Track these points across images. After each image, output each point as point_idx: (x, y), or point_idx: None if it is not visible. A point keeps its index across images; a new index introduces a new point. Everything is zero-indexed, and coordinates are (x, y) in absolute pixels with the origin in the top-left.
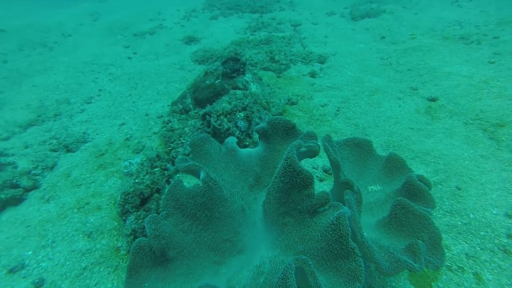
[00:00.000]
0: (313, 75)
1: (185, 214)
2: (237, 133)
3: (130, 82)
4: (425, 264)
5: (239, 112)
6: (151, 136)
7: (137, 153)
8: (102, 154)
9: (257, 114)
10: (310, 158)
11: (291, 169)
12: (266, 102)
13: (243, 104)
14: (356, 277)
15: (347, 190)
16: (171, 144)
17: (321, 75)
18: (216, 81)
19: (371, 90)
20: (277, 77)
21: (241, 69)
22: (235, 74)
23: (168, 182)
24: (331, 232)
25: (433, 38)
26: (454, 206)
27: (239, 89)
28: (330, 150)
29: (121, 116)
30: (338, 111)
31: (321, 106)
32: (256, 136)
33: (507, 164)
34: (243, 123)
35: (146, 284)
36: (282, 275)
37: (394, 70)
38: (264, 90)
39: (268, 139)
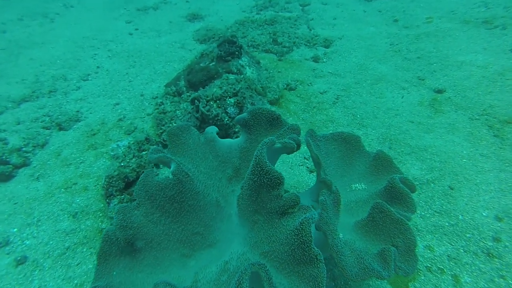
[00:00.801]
0: (316, 59)
1: (155, 206)
2: (226, 119)
3: (128, 60)
4: (395, 271)
5: (230, 97)
6: (144, 117)
7: (129, 134)
8: (94, 134)
9: (249, 100)
10: (288, 154)
11: (259, 169)
12: (261, 87)
13: (234, 89)
14: (317, 283)
15: (323, 191)
16: (162, 127)
17: (324, 60)
18: (211, 64)
19: (375, 79)
20: (278, 61)
21: (237, 52)
22: (230, 58)
23: (157, 166)
24: (294, 237)
25: (452, 21)
26: (444, 206)
27: (232, 73)
28: (312, 147)
29: (116, 95)
30: (337, 99)
31: (320, 93)
32: None
33: (507, 164)
34: (233, 109)
35: (115, 272)
36: (237, 279)
37: (402, 58)
38: (261, 74)
39: (249, 130)
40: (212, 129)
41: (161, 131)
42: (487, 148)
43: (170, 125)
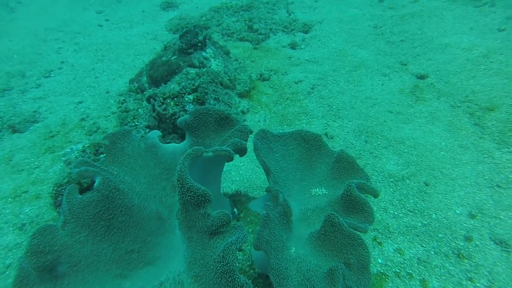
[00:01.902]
0: (293, 46)
1: (80, 224)
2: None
3: (97, 54)
4: None
5: (188, 94)
6: (109, 116)
7: (90, 135)
8: (53, 136)
9: (212, 95)
10: (227, 162)
11: (180, 185)
12: (229, 79)
13: (193, 85)
14: None
15: (267, 203)
16: (125, 127)
17: (302, 46)
18: (172, 58)
19: (354, 65)
20: (253, 49)
21: (200, 44)
22: (192, 50)
23: None
24: (218, 264)
25: (439, 0)
26: (418, 205)
27: (194, 67)
28: (260, 151)
29: (81, 93)
30: (313, 89)
31: (295, 83)
32: None
33: (486, 155)
34: (192, 107)
35: None
36: None
37: (385, 41)
38: (229, 66)
39: (194, 133)
40: (153, 134)
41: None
42: (466, 138)
43: (133, 124)
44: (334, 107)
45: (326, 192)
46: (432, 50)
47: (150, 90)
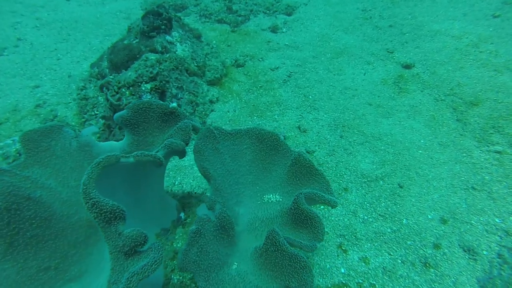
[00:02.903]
0: (274, 29)
1: None
2: None
3: (61, 32)
4: None
5: (146, 83)
6: (70, 103)
7: (51, 120)
8: (0, 124)
9: (175, 84)
10: (156, 167)
11: (84, 200)
12: (197, 66)
13: (151, 72)
14: None
15: (199, 216)
16: (84, 115)
17: (283, 29)
18: (134, 41)
19: (336, 52)
20: (231, 32)
21: (163, 26)
22: (154, 33)
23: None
24: None
25: None
26: (389, 209)
27: (156, 52)
28: (201, 155)
29: (39, 76)
30: (289, 76)
31: (271, 69)
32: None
33: (464, 154)
34: (149, 97)
35: None
36: None
37: (373, 26)
38: (199, 51)
39: (134, 130)
40: (87, 131)
41: (83, 120)
42: (447, 136)
43: (92, 113)
44: (310, 97)
45: (280, 199)
46: (421, 37)
47: (109, 77)
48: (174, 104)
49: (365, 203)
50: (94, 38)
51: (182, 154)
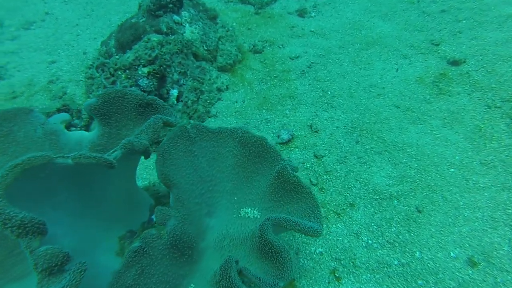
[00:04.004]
0: (301, 13)
1: None
2: None
3: (86, 8)
4: None
5: (143, 66)
6: (80, 80)
7: (54, 100)
8: (15, 97)
9: (178, 69)
10: (109, 169)
11: None
12: (207, 50)
13: (150, 55)
14: None
15: (147, 232)
16: (89, 95)
17: (312, 14)
18: (141, 20)
19: (367, 42)
20: (254, 14)
21: (171, 5)
22: (161, 12)
23: None
24: None
25: None
26: (400, 236)
27: (161, 33)
28: (166, 158)
29: (56, 51)
30: (309, 67)
31: (291, 58)
32: (173, 96)
33: None
34: (146, 81)
35: None
36: None
37: (419, 12)
38: (212, 34)
39: (105, 121)
40: (56, 118)
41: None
42: (495, 153)
43: (98, 93)
44: (329, 93)
45: (258, 216)
46: (484, 24)
47: (116, 57)
48: (175, 91)
49: (372, 224)
50: (115, 14)
51: (146, 154)
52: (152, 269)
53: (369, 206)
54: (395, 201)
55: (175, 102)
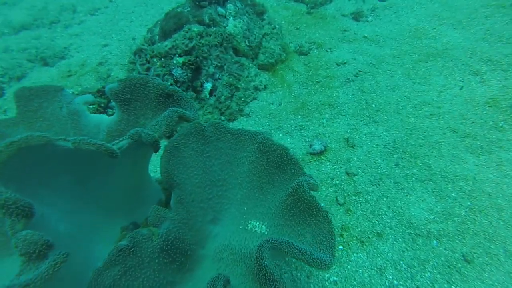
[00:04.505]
0: (357, 16)
1: None
2: (169, 83)
3: None
4: None
5: (179, 56)
6: (125, 64)
7: (104, 80)
8: (69, 76)
9: (215, 62)
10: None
11: None
12: (249, 46)
13: (187, 46)
14: None
15: (139, 231)
16: (54, 85)
17: (368, 18)
18: (186, 10)
19: (428, 53)
20: (306, 13)
21: None
22: (206, 3)
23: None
24: None
25: None
26: (436, 286)
27: (203, 24)
28: (171, 156)
29: (111, 35)
30: (356, 76)
31: (337, 64)
32: (207, 90)
33: None
34: (180, 72)
35: None
36: None
37: (509, 19)
38: (256, 30)
39: (124, 107)
40: (81, 99)
41: None
42: None
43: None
44: (373, 106)
45: (265, 232)
46: None
47: (158, 44)
48: (209, 85)
49: (401, 263)
50: (168, 3)
51: (154, 147)
52: (137, 272)
53: (400, 239)
54: (434, 241)
55: (208, 96)
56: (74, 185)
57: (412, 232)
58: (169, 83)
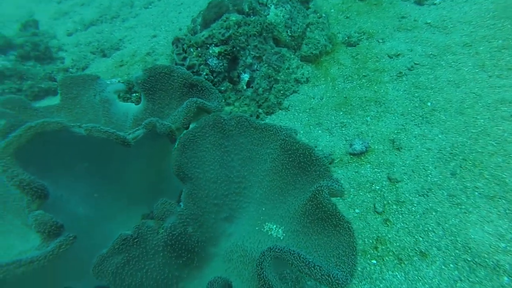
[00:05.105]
0: (421, 0)
1: None
2: (204, 73)
3: None
4: None
5: (215, 45)
6: (171, 54)
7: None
8: (121, 65)
9: (253, 53)
10: (125, 147)
11: None
12: (291, 36)
13: (223, 35)
14: None
15: (145, 222)
16: (89, 73)
17: (436, 0)
18: None
19: None
20: (358, 0)
21: None
22: None
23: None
24: None
25: None
26: None
27: (242, 13)
28: (185, 149)
29: (160, 26)
30: (410, 69)
31: (389, 56)
32: (244, 81)
33: None
34: (216, 62)
35: None
36: None
37: None
38: (300, 18)
39: (149, 96)
40: (112, 87)
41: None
42: None
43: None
44: (428, 104)
45: (281, 237)
46: None
47: (205, 32)
48: (246, 76)
49: None
50: None
51: (170, 138)
52: (140, 262)
53: (451, 265)
54: (506, 278)
55: (245, 87)
56: (92, 171)
57: (469, 259)
58: (204, 73)
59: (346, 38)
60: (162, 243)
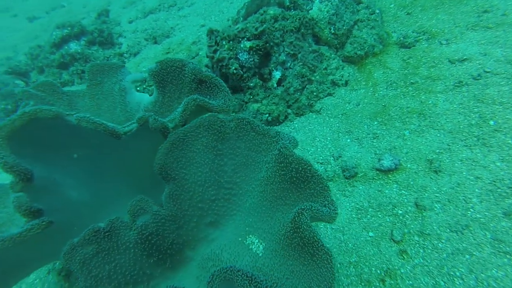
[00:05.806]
0: None
1: None
2: (234, 67)
3: None
4: None
5: (247, 40)
6: None
7: (192, 58)
8: (168, 53)
9: (287, 49)
10: (115, 139)
11: None
12: (334, 33)
13: (256, 29)
14: None
15: (118, 217)
16: (114, 61)
17: None
18: None
19: None
20: None
21: None
22: None
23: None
24: None
25: None
26: None
27: (283, 7)
28: (174, 148)
29: (210, 16)
30: (476, 78)
31: (450, 61)
32: (275, 79)
33: None
34: (246, 56)
35: None
36: None
37: None
38: (348, 14)
39: (160, 88)
40: (131, 77)
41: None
42: None
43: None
44: (491, 123)
45: (260, 254)
46: None
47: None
48: (278, 73)
49: None
50: None
51: (163, 133)
52: (110, 256)
53: None
54: None
55: (275, 85)
56: (90, 159)
57: None
58: (233, 68)
59: (401, 38)
60: (133, 240)
